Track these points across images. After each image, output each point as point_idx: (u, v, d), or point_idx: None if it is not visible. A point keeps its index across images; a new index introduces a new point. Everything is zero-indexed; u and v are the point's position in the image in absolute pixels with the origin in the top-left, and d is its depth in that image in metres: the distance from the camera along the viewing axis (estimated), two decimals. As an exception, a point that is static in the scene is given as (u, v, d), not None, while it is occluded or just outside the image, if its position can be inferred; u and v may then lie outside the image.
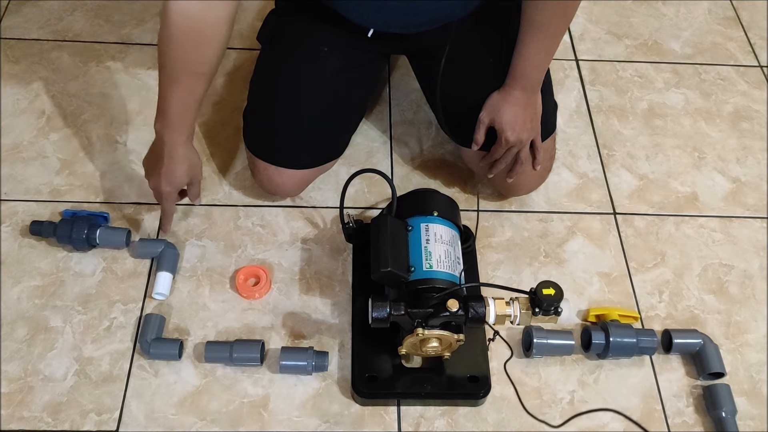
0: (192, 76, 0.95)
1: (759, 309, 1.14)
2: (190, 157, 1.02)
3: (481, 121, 1.07)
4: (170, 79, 0.95)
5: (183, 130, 0.99)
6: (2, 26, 1.43)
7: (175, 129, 0.98)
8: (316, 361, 1.01)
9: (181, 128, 0.99)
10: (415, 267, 0.93)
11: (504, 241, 1.19)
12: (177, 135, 0.99)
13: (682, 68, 1.50)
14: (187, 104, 0.97)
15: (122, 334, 1.04)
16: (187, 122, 0.99)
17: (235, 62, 1.41)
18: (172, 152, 0.99)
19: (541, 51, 1.02)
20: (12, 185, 1.19)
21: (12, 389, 0.99)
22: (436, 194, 1.05)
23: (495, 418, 1.00)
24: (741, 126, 1.40)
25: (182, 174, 1.02)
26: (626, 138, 1.36)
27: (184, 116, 0.98)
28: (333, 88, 1.12)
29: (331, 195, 1.23)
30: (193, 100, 0.98)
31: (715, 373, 1.04)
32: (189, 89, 0.96)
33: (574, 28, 1.57)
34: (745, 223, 1.25)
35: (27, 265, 1.10)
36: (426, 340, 0.91)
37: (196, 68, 0.94)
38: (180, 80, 0.95)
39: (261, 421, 0.98)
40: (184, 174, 1.02)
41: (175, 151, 0.99)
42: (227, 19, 0.92)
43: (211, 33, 0.92)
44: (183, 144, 1.00)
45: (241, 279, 1.09)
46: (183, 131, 0.99)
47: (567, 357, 1.06)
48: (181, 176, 1.02)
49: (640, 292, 1.15)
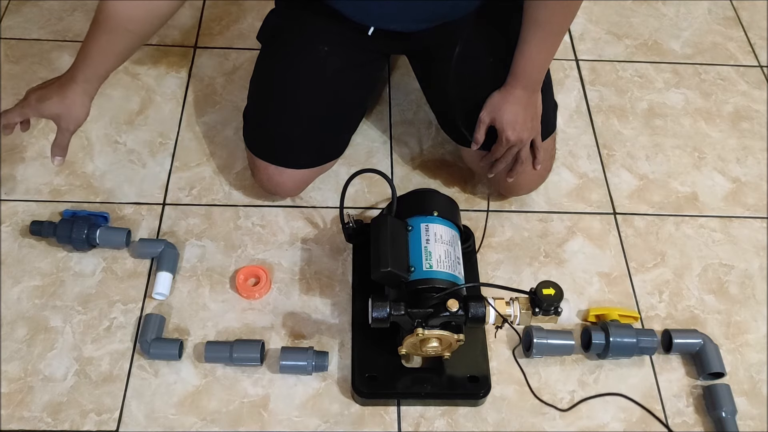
0: (118, 29, 0.93)
1: (759, 309, 1.14)
2: (73, 100, 0.96)
3: (482, 121, 1.07)
4: (96, 25, 0.93)
5: (86, 73, 0.96)
6: (2, 26, 1.43)
7: (79, 67, 0.96)
8: (316, 361, 1.00)
9: (86, 71, 0.96)
10: (415, 267, 0.93)
11: (504, 241, 1.19)
12: (78, 73, 0.96)
13: (682, 68, 1.50)
14: (104, 53, 0.95)
15: (122, 334, 1.04)
16: (94, 69, 0.96)
17: (235, 62, 1.41)
18: (64, 83, 0.96)
19: (542, 50, 1.02)
20: (12, 185, 1.19)
21: (12, 389, 0.99)
22: (436, 194, 1.05)
23: (495, 418, 1.00)
24: (741, 126, 1.41)
25: (52, 104, 0.96)
26: (626, 138, 1.36)
27: (95, 62, 0.95)
28: (333, 88, 1.12)
29: (331, 195, 1.23)
30: (111, 53, 0.95)
31: (715, 373, 1.04)
32: (110, 40, 0.94)
33: (574, 28, 1.57)
34: (745, 223, 1.25)
35: (27, 265, 1.10)
36: (426, 340, 0.91)
37: (125, 23, 0.92)
38: (104, 29, 0.93)
39: (261, 421, 0.98)
40: (54, 106, 0.96)
41: (66, 85, 0.96)
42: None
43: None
44: (77, 84, 0.96)
45: (241, 279, 1.09)
46: (86, 74, 0.96)
47: (567, 357, 1.06)
48: (49, 106, 0.96)
49: (640, 292, 1.15)
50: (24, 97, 0.98)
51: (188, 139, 1.29)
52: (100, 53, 0.95)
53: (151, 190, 1.21)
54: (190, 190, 1.22)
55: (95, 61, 0.95)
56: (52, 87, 0.97)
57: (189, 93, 1.36)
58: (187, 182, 1.22)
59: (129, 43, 0.96)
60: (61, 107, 0.97)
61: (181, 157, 1.26)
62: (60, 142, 1.00)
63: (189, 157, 1.26)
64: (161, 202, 1.20)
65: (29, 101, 0.97)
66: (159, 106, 1.33)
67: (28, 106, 0.97)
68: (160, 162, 1.25)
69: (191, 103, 1.34)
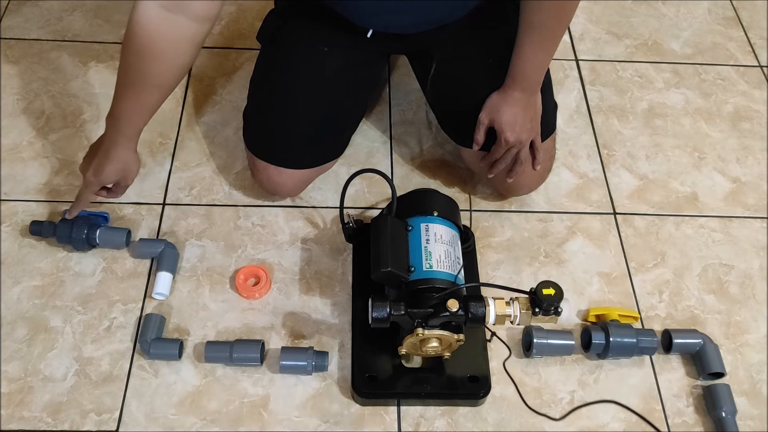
0: (145, 86, 0.95)
1: (759, 309, 1.14)
2: (126, 160, 1.02)
3: (481, 122, 1.07)
4: (124, 83, 0.95)
5: (127, 133, 0.99)
6: (2, 26, 1.43)
7: (119, 130, 0.99)
8: (316, 361, 1.01)
9: (126, 131, 0.99)
10: (415, 267, 0.93)
11: (504, 241, 1.19)
12: (119, 136, 0.99)
13: (682, 68, 1.50)
14: (136, 110, 0.97)
15: (122, 334, 1.04)
16: (132, 127, 0.99)
17: (235, 62, 1.41)
18: (109, 149, 1.00)
19: (539, 52, 1.02)
20: (12, 185, 1.19)
21: (12, 389, 0.99)
22: (436, 194, 1.05)
23: (495, 418, 1.00)
24: (741, 126, 1.40)
25: (111, 172, 1.02)
26: (626, 138, 1.36)
27: (131, 121, 0.98)
28: (333, 88, 1.12)
29: (331, 195, 1.23)
30: (143, 108, 0.98)
31: (715, 373, 1.04)
32: (140, 98, 0.96)
33: (574, 28, 1.57)
34: (745, 223, 1.25)
35: (27, 265, 1.10)
36: (426, 340, 0.91)
37: (151, 80, 0.94)
38: (132, 87, 0.95)
39: (261, 421, 0.98)
40: (113, 173, 1.02)
41: (113, 149, 1.00)
42: (190, 39, 0.90)
43: (170, 49, 0.90)
44: (123, 146, 1.00)
45: (241, 279, 1.09)
46: (126, 134, 0.99)
47: (567, 357, 1.06)
48: (108, 174, 1.02)
49: (640, 292, 1.15)
50: (83, 179, 1.04)
51: (188, 139, 1.29)
52: (134, 112, 0.98)
53: (151, 190, 1.21)
54: (190, 190, 1.22)
55: (130, 119, 0.98)
56: (101, 157, 1.01)
57: (189, 93, 1.36)
58: (187, 182, 1.22)
59: (158, 98, 0.97)
60: (120, 172, 1.03)
61: (181, 157, 1.26)
62: (118, 193, 1.09)
63: (189, 157, 1.26)
64: (161, 202, 1.20)
65: (88, 180, 1.03)
66: (159, 106, 1.33)
67: (91, 185, 1.03)
68: (160, 162, 1.25)
69: (191, 103, 1.34)
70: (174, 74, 0.95)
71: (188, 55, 0.93)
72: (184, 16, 0.87)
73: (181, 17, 0.87)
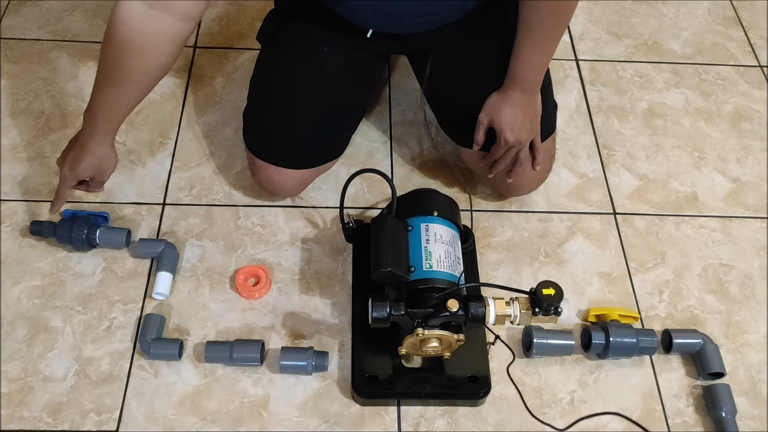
0: (124, 83, 0.95)
1: (759, 309, 1.14)
2: (101, 155, 1.02)
3: (481, 122, 1.07)
4: (103, 79, 0.95)
5: (103, 128, 0.99)
6: (2, 26, 1.43)
7: (95, 125, 0.99)
8: (316, 361, 1.01)
9: (103, 126, 0.99)
10: (415, 267, 0.93)
11: (504, 241, 1.19)
12: (96, 131, 0.99)
13: (682, 68, 1.50)
14: (114, 106, 0.97)
15: (122, 334, 1.04)
16: (110, 122, 0.99)
17: (235, 62, 1.41)
18: (85, 144, 1.00)
19: (538, 53, 1.02)
20: (12, 185, 1.19)
21: (12, 389, 0.99)
22: (436, 194, 1.05)
23: (495, 418, 1.00)
24: (741, 126, 1.40)
25: (86, 167, 1.02)
26: (626, 138, 1.36)
27: (108, 116, 0.98)
28: (333, 88, 1.12)
29: (331, 195, 1.23)
30: (121, 105, 0.98)
31: (715, 373, 1.04)
32: (119, 94, 0.96)
33: (574, 28, 1.57)
34: (745, 223, 1.25)
35: (27, 265, 1.10)
36: (426, 340, 0.91)
37: (130, 76, 0.94)
38: (111, 83, 0.95)
39: (261, 421, 0.98)
40: (88, 168, 1.03)
41: (88, 144, 1.00)
42: (172, 37, 0.90)
43: (151, 46, 0.90)
44: (99, 141, 1.00)
45: (241, 279, 1.09)
46: (103, 129, 0.99)
47: (567, 357, 1.06)
48: (84, 169, 1.02)
49: (640, 292, 1.15)
50: (60, 174, 1.04)
51: (188, 139, 1.29)
52: (112, 107, 0.98)
53: (151, 190, 1.21)
54: (190, 190, 1.22)
55: (108, 115, 0.98)
56: (77, 150, 1.01)
57: (189, 93, 1.36)
58: (187, 182, 1.22)
59: (137, 94, 0.98)
60: (96, 167, 1.04)
61: (181, 157, 1.26)
62: (95, 188, 1.09)
63: (189, 157, 1.26)
64: (161, 202, 1.20)
65: (64, 174, 1.04)
66: (159, 105, 1.33)
67: (66, 179, 1.04)
68: (160, 162, 1.25)
69: (191, 103, 1.34)
70: (154, 71, 0.95)
71: (170, 53, 0.93)
72: (168, 14, 0.87)
73: (164, 15, 0.87)
